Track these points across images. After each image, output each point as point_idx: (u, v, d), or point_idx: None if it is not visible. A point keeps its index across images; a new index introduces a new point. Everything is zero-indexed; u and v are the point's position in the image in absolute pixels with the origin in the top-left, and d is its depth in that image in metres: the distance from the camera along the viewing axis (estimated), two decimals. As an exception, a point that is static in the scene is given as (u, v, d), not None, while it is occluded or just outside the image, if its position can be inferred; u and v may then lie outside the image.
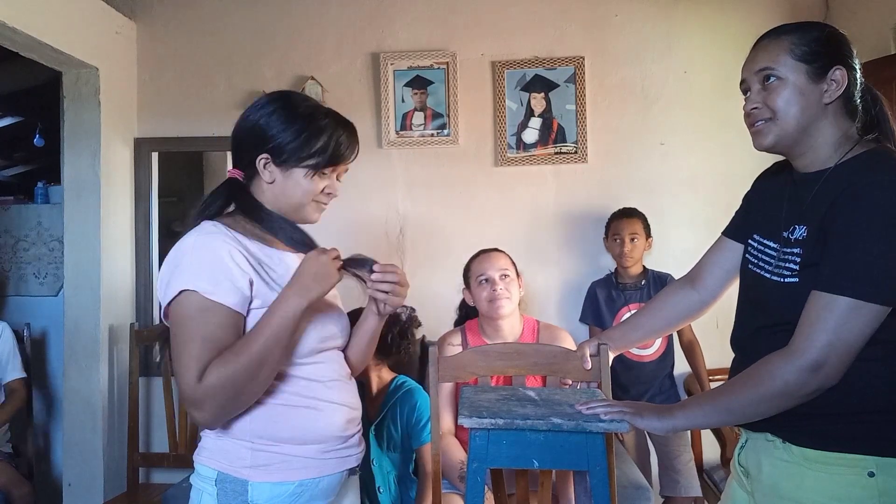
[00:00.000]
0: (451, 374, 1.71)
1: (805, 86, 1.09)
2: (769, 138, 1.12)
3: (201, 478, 1.20)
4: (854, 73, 1.11)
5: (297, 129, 1.20)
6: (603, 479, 1.18)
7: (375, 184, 2.79)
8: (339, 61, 2.80)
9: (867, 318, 0.99)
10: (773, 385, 1.03)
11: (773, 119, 1.11)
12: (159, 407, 2.68)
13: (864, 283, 0.98)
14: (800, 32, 1.12)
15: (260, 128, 1.21)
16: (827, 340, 0.99)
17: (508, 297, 2.04)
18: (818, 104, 1.09)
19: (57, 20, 2.33)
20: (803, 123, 1.10)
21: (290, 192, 1.23)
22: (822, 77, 1.09)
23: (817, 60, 1.09)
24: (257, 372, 1.11)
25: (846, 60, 1.11)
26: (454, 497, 1.91)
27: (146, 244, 2.80)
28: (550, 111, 2.74)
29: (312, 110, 1.25)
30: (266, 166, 1.22)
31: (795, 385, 1.01)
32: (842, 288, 0.99)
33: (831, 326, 0.99)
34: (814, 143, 1.11)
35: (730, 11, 2.74)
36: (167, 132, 2.82)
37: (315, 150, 1.21)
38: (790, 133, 1.11)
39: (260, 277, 1.17)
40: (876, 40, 2.42)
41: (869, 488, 0.99)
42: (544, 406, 1.27)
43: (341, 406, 1.25)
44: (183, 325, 1.12)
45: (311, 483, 1.19)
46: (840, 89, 1.09)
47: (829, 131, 1.10)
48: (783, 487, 1.06)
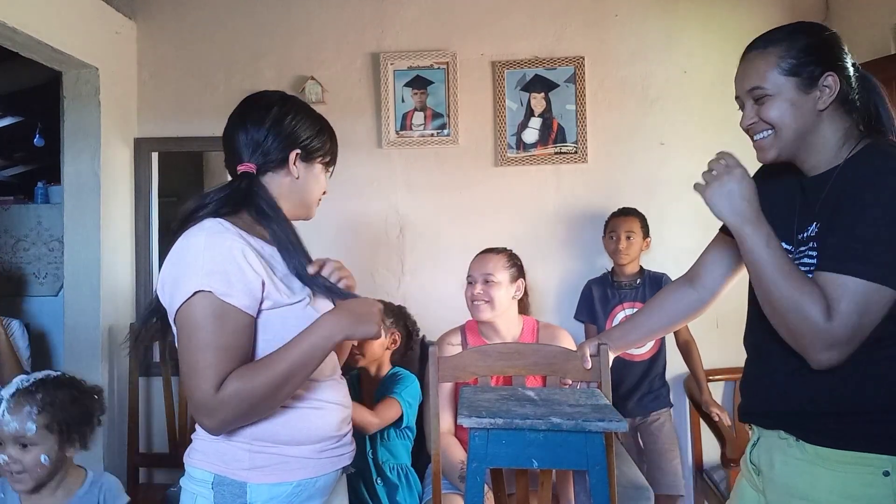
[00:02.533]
0: (451, 374, 1.71)
1: (797, 98, 1.09)
2: (771, 153, 1.14)
3: (195, 481, 1.17)
4: (846, 72, 1.11)
5: (319, 128, 1.30)
6: (603, 479, 1.18)
7: (375, 184, 2.79)
8: (339, 61, 2.80)
9: (885, 302, 0.99)
10: (802, 325, 1.02)
11: (772, 132, 1.12)
12: (159, 407, 2.68)
13: (884, 267, 0.98)
14: (787, 42, 1.11)
15: (292, 126, 1.26)
16: (858, 322, 0.98)
17: (487, 300, 2.03)
18: (813, 112, 1.10)
19: (57, 20, 2.33)
20: (801, 132, 1.11)
21: (311, 188, 1.30)
22: (814, 85, 1.09)
23: (806, 71, 1.09)
24: (278, 393, 1.11)
25: (836, 63, 1.11)
26: (454, 497, 1.91)
27: (146, 244, 2.80)
28: (550, 111, 2.74)
29: (317, 112, 1.35)
30: (296, 162, 1.26)
31: (814, 345, 1.01)
32: (864, 272, 0.98)
33: (860, 309, 0.98)
34: (816, 147, 1.12)
35: (730, 11, 2.74)
36: (167, 132, 2.82)
37: (329, 147, 1.32)
38: (790, 144, 1.12)
39: (269, 278, 1.15)
40: (876, 40, 2.42)
41: (884, 487, 0.98)
42: (544, 406, 1.27)
43: (336, 405, 1.26)
44: (197, 329, 1.09)
45: (308, 483, 1.19)
46: (833, 94, 1.09)
47: (829, 133, 1.11)
48: (796, 486, 1.06)
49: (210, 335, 1.08)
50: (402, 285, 2.77)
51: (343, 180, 2.76)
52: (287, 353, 1.11)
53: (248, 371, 1.09)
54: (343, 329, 1.15)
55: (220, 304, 1.09)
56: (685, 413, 2.69)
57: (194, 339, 1.09)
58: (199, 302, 1.09)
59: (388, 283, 2.75)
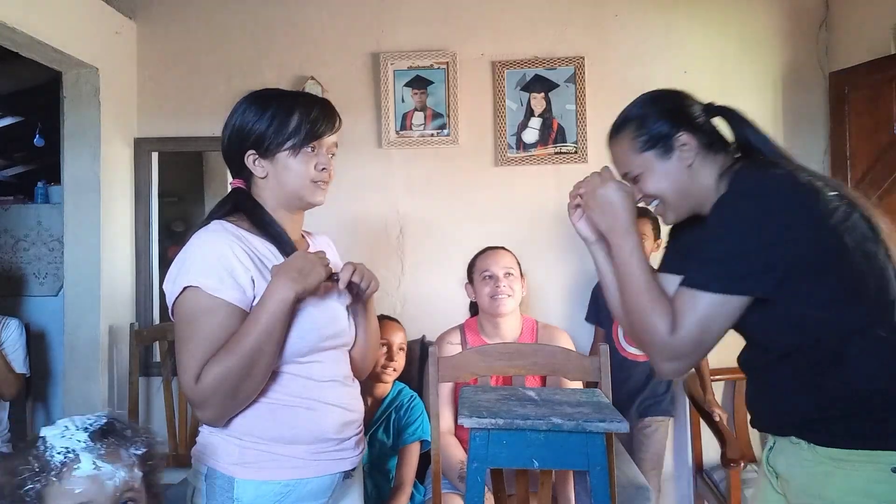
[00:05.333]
0: (451, 374, 1.72)
1: (662, 166, 1.17)
2: (669, 217, 1.22)
3: (194, 473, 1.21)
4: (696, 122, 1.17)
5: (270, 115, 1.22)
6: (603, 480, 1.18)
7: (375, 184, 2.78)
8: (339, 61, 2.80)
9: (731, 310, 1.04)
10: (648, 336, 1.10)
11: (659, 201, 1.20)
12: (159, 407, 2.68)
13: (723, 278, 1.04)
14: (634, 122, 1.20)
15: (238, 128, 1.24)
16: (699, 336, 1.05)
17: (511, 294, 2.05)
18: (683, 171, 1.17)
19: (57, 20, 2.33)
20: (682, 192, 1.18)
21: (284, 180, 1.23)
22: (672, 149, 1.16)
23: (659, 140, 1.17)
24: (251, 368, 1.11)
25: (684, 119, 1.17)
26: (454, 497, 1.91)
27: (146, 244, 2.79)
28: (550, 111, 2.74)
29: (279, 94, 1.27)
30: (256, 162, 1.24)
31: (658, 356, 1.10)
32: (706, 285, 1.05)
33: (702, 322, 1.05)
34: (701, 195, 1.17)
35: (730, 11, 2.74)
36: (167, 132, 2.82)
37: (291, 129, 1.21)
38: (679, 204, 1.19)
39: (261, 275, 1.17)
40: (876, 40, 2.42)
41: (892, 483, 1.00)
42: (544, 406, 1.27)
43: (335, 407, 1.23)
44: (186, 323, 1.13)
45: (298, 484, 1.18)
46: (692, 148, 1.16)
47: (706, 180, 1.17)
48: (812, 487, 1.08)
49: (196, 327, 1.12)
50: (402, 285, 2.77)
51: (343, 180, 2.76)
52: (250, 328, 1.11)
53: (221, 354, 1.11)
54: (292, 286, 1.12)
55: (209, 298, 1.12)
56: (685, 413, 2.69)
57: (181, 332, 1.14)
58: (189, 297, 1.13)
59: (388, 282, 2.75)
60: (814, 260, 1.02)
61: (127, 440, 0.97)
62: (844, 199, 1.06)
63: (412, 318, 2.62)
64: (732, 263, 1.03)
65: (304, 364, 1.21)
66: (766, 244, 1.02)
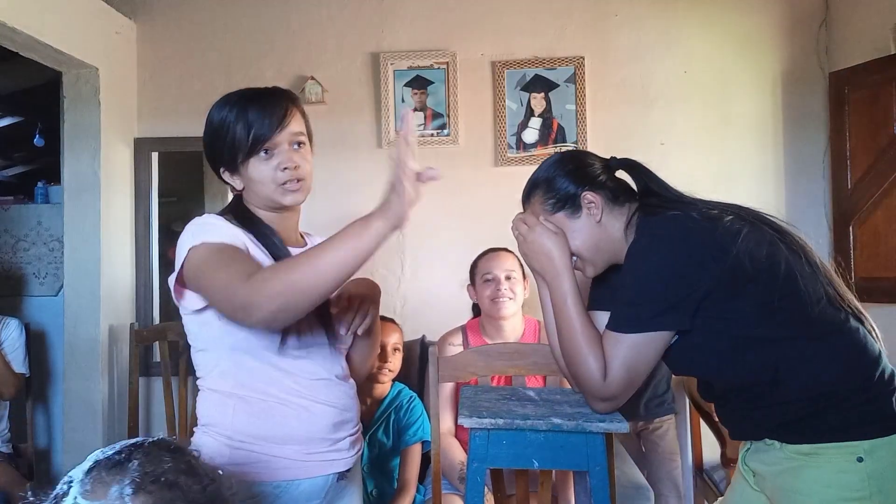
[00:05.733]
0: (451, 374, 1.71)
1: (574, 224, 1.24)
2: (588, 271, 1.27)
3: None
4: (598, 180, 1.24)
5: (215, 133, 1.20)
6: (603, 479, 1.18)
7: (375, 184, 2.75)
8: (339, 61, 2.80)
9: (656, 346, 1.12)
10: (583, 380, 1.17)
11: (577, 258, 1.25)
12: (159, 407, 2.68)
13: (638, 319, 1.11)
14: (542, 186, 1.27)
15: (205, 147, 1.25)
16: (627, 378, 1.13)
17: (512, 297, 2.04)
18: (593, 226, 1.23)
19: (57, 20, 2.33)
20: (595, 247, 1.24)
21: (258, 188, 1.21)
22: (579, 208, 1.23)
23: (566, 200, 1.24)
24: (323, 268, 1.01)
25: (586, 178, 1.24)
26: (454, 497, 1.91)
27: (146, 244, 2.79)
28: (550, 111, 2.74)
29: (224, 104, 1.21)
30: (230, 177, 1.24)
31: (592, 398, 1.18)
32: (625, 328, 1.12)
33: (628, 364, 1.12)
34: (612, 247, 1.24)
35: (729, 11, 2.74)
36: (167, 132, 2.82)
37: (235, 143, 1.18)
38: (595, 258, 1.25)
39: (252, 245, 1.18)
40: (876, 40, 2.42)
41: (858, 472, 1.04)
42: (544, 406, 1.27)
43: (327, 406, 1.20)
44: (204, 265, 1.09)
45: (289, 485, 1.16)
46: (598, 205, 1.22)
47: (615, 232, 1.23)
48: (786, 481, 1.12)
49: (217, 262, 1.08)
50: (402, 285, 2.77)
51: (343, 180, 2.76)
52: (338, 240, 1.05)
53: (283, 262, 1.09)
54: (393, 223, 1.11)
55: (215, 243, 1.11)
56: (685, 413, 2.69)
57: (206, 273, 1.08)
58: (195, 252, 1.11)
59: (388, 282, 2.75)
60: (724, 285, 1.07)
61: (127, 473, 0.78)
62: (746, 219, 1.13)
63: (412, 318, 2.62)
64: (645, 305, 1.10)
65: (293, 360, 1.18)
66: (672, 282, 1.09)
